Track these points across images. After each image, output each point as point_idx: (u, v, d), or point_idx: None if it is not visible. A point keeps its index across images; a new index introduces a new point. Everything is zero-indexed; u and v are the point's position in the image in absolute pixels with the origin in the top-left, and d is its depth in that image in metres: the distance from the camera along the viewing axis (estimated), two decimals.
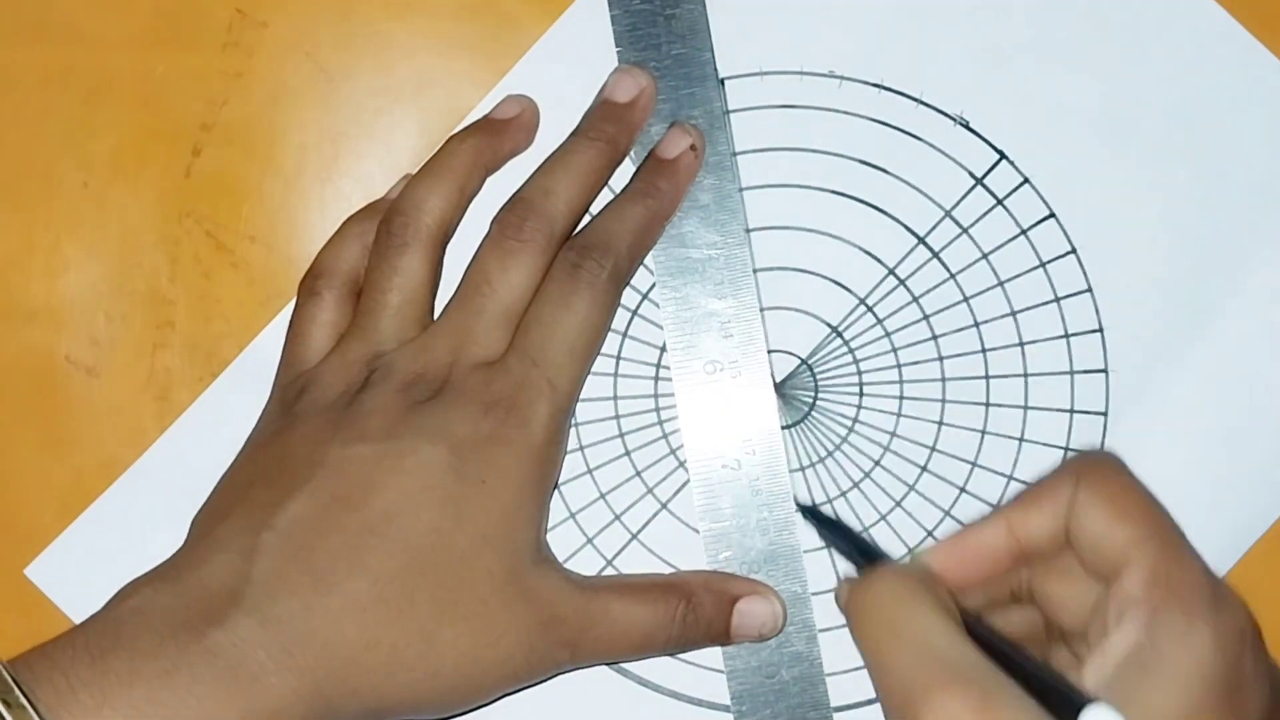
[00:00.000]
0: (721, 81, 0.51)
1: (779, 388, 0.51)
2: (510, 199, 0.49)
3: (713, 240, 0.50)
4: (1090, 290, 0.51)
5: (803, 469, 0.51)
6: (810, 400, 0.51)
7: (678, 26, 0.51)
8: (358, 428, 0.45)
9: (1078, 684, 0.39)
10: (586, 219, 0.50)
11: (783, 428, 0.51)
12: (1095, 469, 0.42)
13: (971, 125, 0.51)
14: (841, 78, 0.51)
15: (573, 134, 0.50)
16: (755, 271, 0.51)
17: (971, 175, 0.51)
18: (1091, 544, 0.41)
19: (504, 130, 0.50)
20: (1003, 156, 0.51)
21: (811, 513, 0.47)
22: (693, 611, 0.47)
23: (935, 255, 0.51)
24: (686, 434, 0.50)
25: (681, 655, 0.50)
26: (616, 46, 0.51)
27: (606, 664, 0.50)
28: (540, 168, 0.49)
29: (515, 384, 0.46)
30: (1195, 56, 0.51)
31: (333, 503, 0.44)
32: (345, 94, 0.52)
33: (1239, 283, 0.51)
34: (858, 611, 0.40)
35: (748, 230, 0.51)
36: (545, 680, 0.47)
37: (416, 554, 0.44)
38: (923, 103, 0.51)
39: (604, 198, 0.50)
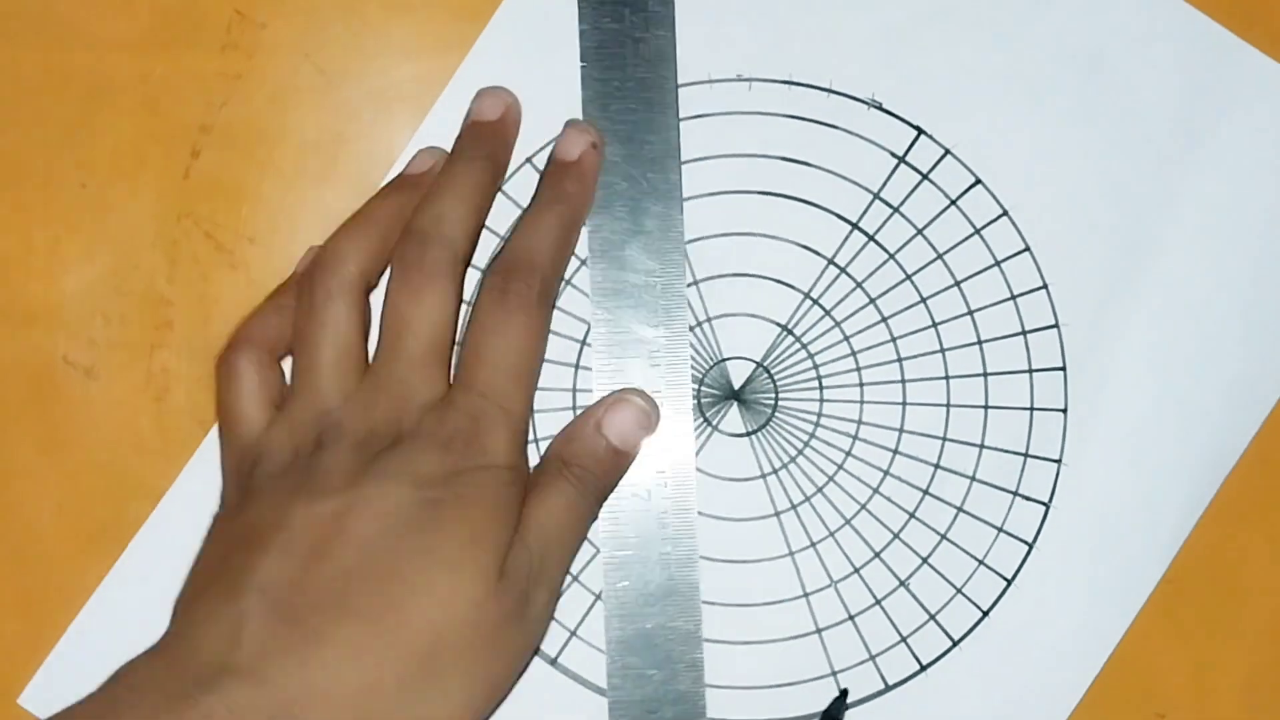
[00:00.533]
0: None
1: (738, 394, 0.51)
2: (404, 232, 0.48)
3: (652, 268, 0.50)
4: (1029, 249, 0.51)
5: (775, 472, 0.51)
6: (772, 402, 0.51)
7: (645, 51, 0.50)
8: (317, 486, 0.45)
9: None
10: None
11: (748, 433, 0.51)
12: None
13: (885, 106, 0.52)
14: (750, 79, 0.51)
15: (448, 159, 0.50)
16: (697, 282, 0.51)
17: (893, 155, 0.52)
18: None
19: (420, 184, 0.50)
20: (921, 132, 0.52)
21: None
22: (575, 464, 0.48)
23: (871, 239, 0.52)
24: None
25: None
26: (582, 62, 0.51)
27: (570, 568, 0.49)
28: (426, 196, 0.49)
29: (470, 418, 0.46)
30: (1097, 1, 0.52)
31: (307, 557, 0.43)
32: (345, 94, 0.52)
33: (1172, 218, 0.52)
34: None
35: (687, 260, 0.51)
36: (542, 638, 0.47)
37: (402, 582, 0.43)
38: (834, 91, 0.52)
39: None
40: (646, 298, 0.50)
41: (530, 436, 0.51)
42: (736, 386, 0.51)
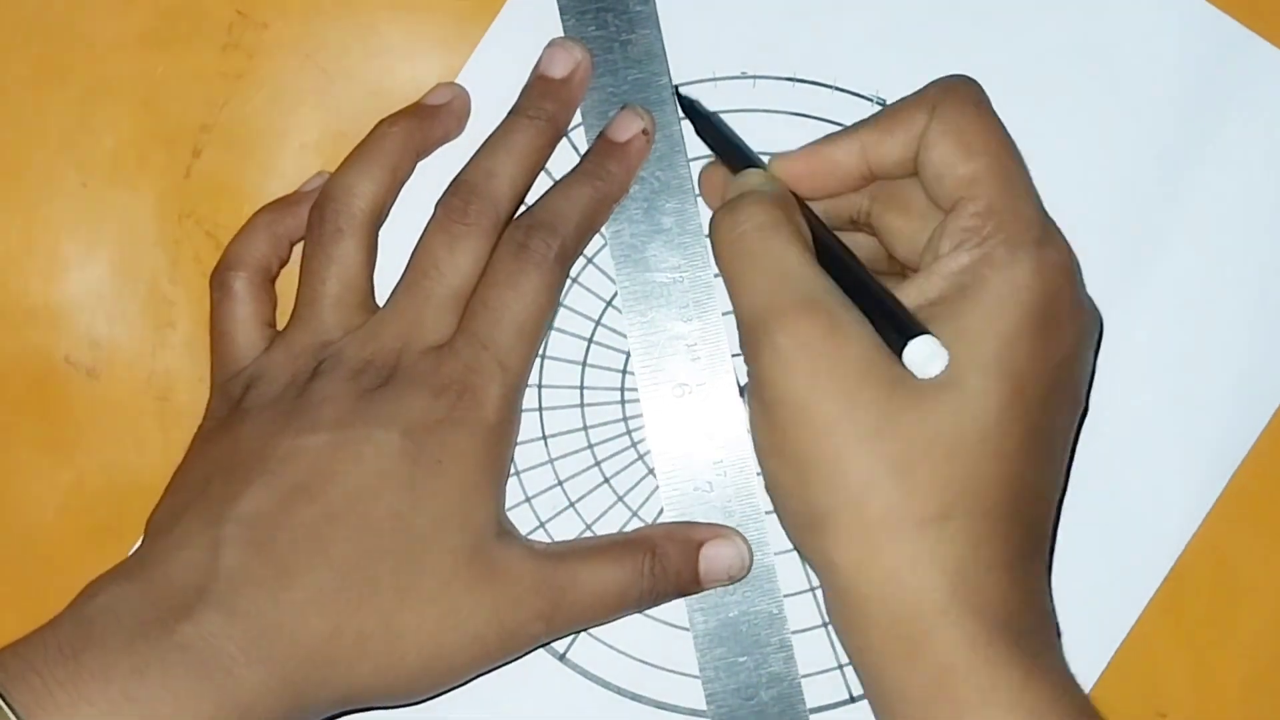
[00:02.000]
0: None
1: (742, 392, 0.51)
2: (453, 182, 0.49)
3: (676, 263, 0.50)
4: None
5: None
6: None
7: (634, 52, 0.51)
8: (309, 418, 0.45)
9: (911, 311, 0.43)
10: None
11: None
12: (951, 100, 0.45)
13: (888, 102, 0.51)
14: (755, 77, 0.52)
15: (511, 113, 0.50)
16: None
17: None
18: (935, 175, 0.44)
19: (434, 115, 0.50)
20: None
21: (688, 105, 0.50)
22: (659, 563, 0.48)
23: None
24: (657, 457, 0.50)
25: (662, 665, 0.50)
26: None
27: (582, 630, 0.50)
28: (481, 149, 0.49)
29: (465, 367, 0.46)
30: None
31: (291, 494, 0.44)
32: (345, 94, 0.52)
33: (1178, 213, 0.52)
34: (721, 237, 0.45)
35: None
36: (522, 656, 0.47)
37: (376, 539, 0.44)
38: (838, 88, 0.52)
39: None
40: (675, 294, 0.50)
41: (538, 434, 0.51)
42: (742, 384, 0.51)
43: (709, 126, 0.50)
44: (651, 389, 0.50)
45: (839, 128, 0.51)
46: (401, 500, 0.44)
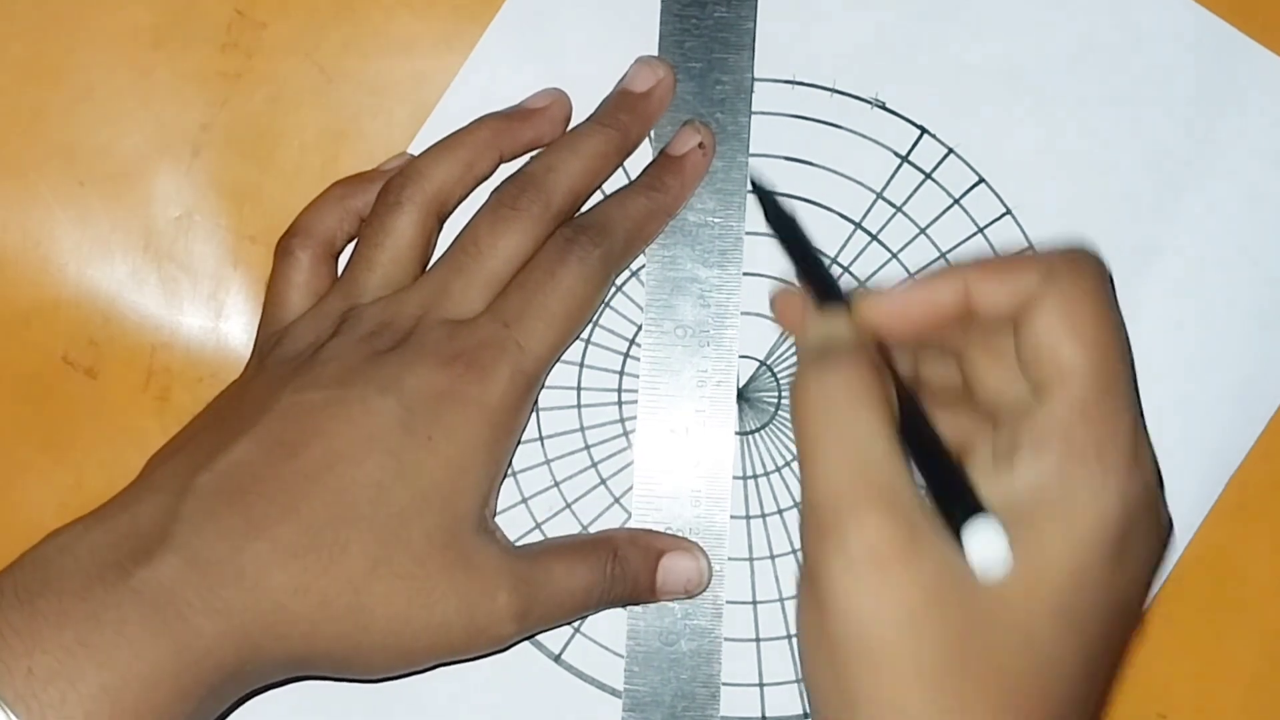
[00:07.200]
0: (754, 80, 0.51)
1: (742, 393, 0.51)
2: (512, 173, 0.49)
3: (712, 208, 0.50)
4: (1032, 248, 0.51)
5: (779, 469, 0.51)
6: (775, 401, 0.52)
7: None
8: (313, 375, 0.45)
9: (977, 491, 0.39)
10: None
11: (751, 431, 0.51)
12: (1071, 273, 0.41)
13: (888, 106, 0.52)
14: (754, 79, 0.51)
15: (589, 118, 0.50)
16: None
17: (896, 154, 0.52)
18: (1034, 346, 0.41)
19: (529, 118, 0.50)
20: (924, 131, 0.52)
21: (769, 202, 0.47)
22: (619, 565, 0.48)
23: (874, 238, 0.52)
24: (642, 391, 0.50)
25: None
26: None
27: (547, 630, 0.50)
28: (547, 147, 0.49)
29: (480, 341, 0.46)
30: None
31: (275, 448, 0.44)
32: (345, 94, 0.52)
33: (1176, 216, 0.52)
34: (808, 400, 0.40)
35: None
36: (487, 655, 0.46)
37: (352, 505, 0.43)
38: (837, 91, 0.52)
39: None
40: (703, 237, 0.50)
41: (535, 434, 0.51)
42: (741, 385, 0.51)
43: (791, 235, 0.47)
44: (655, 324, 0.50)
45: (837, 128, 0.51)
46: (384, 469, 0.44)
